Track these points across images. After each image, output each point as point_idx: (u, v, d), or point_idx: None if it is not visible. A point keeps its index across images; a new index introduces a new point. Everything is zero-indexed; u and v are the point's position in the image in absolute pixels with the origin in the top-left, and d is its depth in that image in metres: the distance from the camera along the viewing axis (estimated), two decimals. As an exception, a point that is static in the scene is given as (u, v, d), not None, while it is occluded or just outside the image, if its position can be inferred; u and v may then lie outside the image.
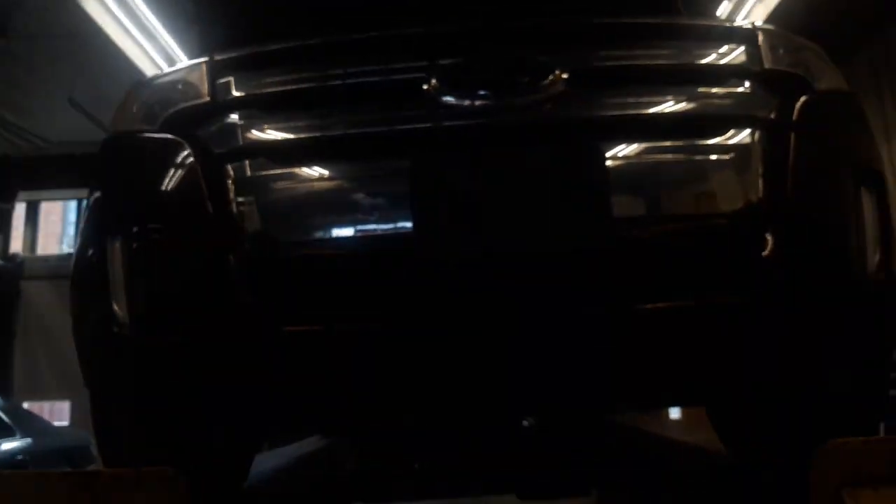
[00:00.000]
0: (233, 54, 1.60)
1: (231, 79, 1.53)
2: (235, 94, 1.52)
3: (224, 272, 1.39)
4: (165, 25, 6.44)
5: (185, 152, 1.46)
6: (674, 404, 2.88)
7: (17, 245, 12.72)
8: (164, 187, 1.46)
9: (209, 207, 1.41)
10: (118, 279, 1.42)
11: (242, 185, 1.45)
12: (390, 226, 1.42)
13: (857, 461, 1.25)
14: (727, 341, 1.42)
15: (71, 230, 13.58)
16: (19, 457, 5.73)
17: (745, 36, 1.59)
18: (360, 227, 1.43)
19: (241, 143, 1.47)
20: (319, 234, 1.45)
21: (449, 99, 1.43)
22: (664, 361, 1.41)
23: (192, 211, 1.43)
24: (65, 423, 10.33)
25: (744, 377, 1.52)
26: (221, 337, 1.40)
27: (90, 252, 1.54)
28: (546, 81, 1.42)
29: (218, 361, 1.41)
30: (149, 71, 6.90)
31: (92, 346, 1.57)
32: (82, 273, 1.60)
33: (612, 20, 1.59)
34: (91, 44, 7.56)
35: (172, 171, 1.46)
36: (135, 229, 1.44)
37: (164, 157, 1.47)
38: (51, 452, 6.08)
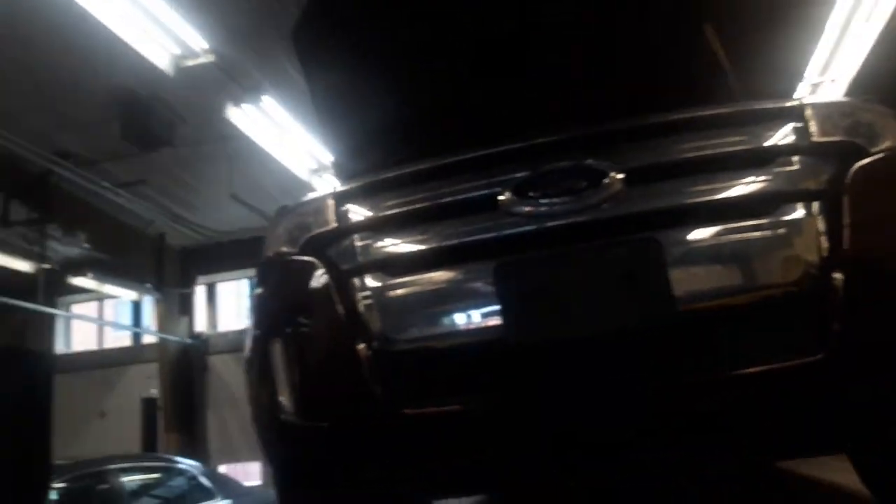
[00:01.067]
0: (349, 186, 1.93)
1: (348, 207, 1.87)
2: (353, 219, 1.85)
3: (355, 366, 1.68)
4: (303, 124, 7.07)
5: (320, 270, 1.79)
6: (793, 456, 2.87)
7: (200, 324, 14.09)
8: (306, 299, 1.79)
9: (340, 313, 1.72)
10: (280, 374, 1.77)
11: (364, 293, 1.73)
12: (479, 321, 1.65)
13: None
14: (805, 399, 1.51)
15: (244, 305, 14.83)
16: (219, 517, 6.41)
17: (793, 113, 1.69)
18: (459, 323, 1.67)
19: (359, 259, 1.78)
20: (422, 331, 1.70)
21: (520, 208, 1.66)
22: (747, 422, 1.53)
23: (328, 317, 1.74)
24: (257, 482, 11.26)
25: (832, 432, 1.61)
26: (357, 420, 1.69)
27: (256, 350, 1.87)
28: (603, 183, 1.62)
29: (356, 440, 1.70)
30: (292, 163, 7.64)
31: (265, 430, 1.91)
32: (252, 367, 1.92)
33: (659, 119, 1.74)
34: (242, 144, 8.52)
35: (312, 286, 1.79)
36: (287, 334, 1.77)
37: (304, 274, 1.81)
38: (246, 511, 6.76)
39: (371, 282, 1.75)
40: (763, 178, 1.64)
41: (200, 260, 13.47)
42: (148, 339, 13.94)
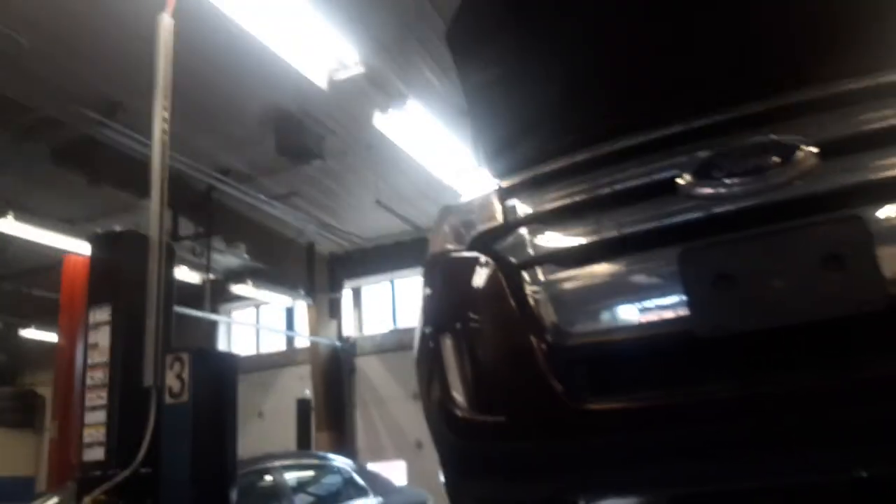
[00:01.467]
0: (514, 180, 1.92)
1: (516, 200, 1.86)
2: (520, 213, 1.83)
3: (529, 361, 1.66)
4: (446, 127, 7.19)
5: (490, 265, 1.79)
6: None
7: (348, 328, 14.67)
8: (477, 294, 1.80)
9: (513, 307, 1.70)
10: (452, 369, 1.78)
11: (537, 287, 1.71)
12: (663, 311, 1.58)
13: None
14: None
15: (388, 309, 15.29)
16: (373, 513, 6.63)
17: None
18: (636, 314, 1.61)
19: (531, 253, 1.75)
20: (602, 324, 1.65)
21: (702, 190, 1.57)
22: None
23: (500, 311, 1.73)
24: (403, 481, 11.55)
25: None
26: (534, 415, 1.67)
27: (428, 347, 1.89)
28: (794, 159, 1.50)
29: (533, 436, 1.68)
30: (435, 167, 7.79)
31: (437, 424, 1.90)
32: (424, 364, 1.94)
33: (850, 85, 1.59)
34: (386, 153, 8.81)
35: (481, 280, 1.80)
36: (460, 329, 1.79)
37: (474, 270, 1.82)
38: (396, 508, 6.95)
39: (543, 275, 1.72)
40: None
41: (347, 265, 14.06)
42: (300, 342, 14.68)
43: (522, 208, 1.85)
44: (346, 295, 14.62)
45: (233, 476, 3.62)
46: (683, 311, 1.52)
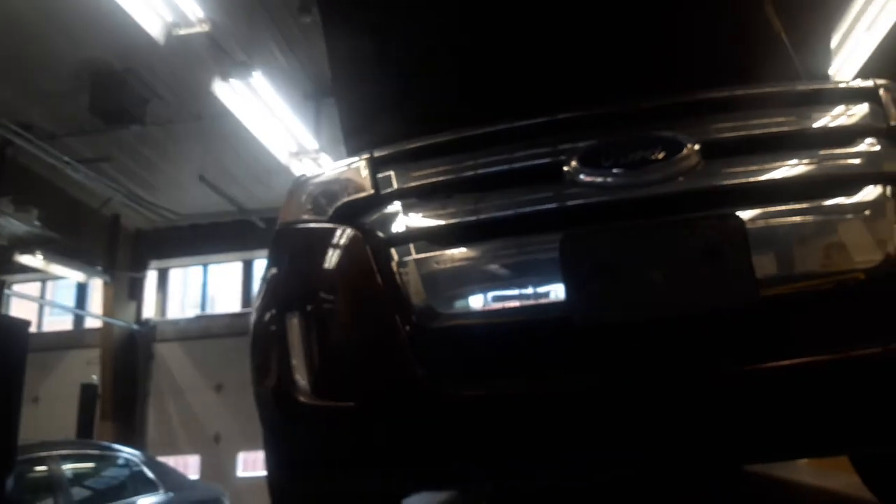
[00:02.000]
0: (390, 150, 1.78)
1: (390, 172, 1.72)
2: (395, 185, 1.70)
3: (393, 342, 1.54)
4: (288, 103, 6.87)
5: (356, 238, 1.64)
6: (821, 454, 2.84)
7: (148, 310, 13.63)
8: (339, 268, 1.65)
9: (380, 285, 1.57)
10: (297, 351, 1.61)
11: (406, 265, 1.59)
12: (538, 297, 1.53)
13: None
14: (868, 391, 1.43)
15: (195, 294, 14.42)
16: (162, 510, 6.11)
17: (868, 94, 1.65)
18: (510, 299, 1.55)
19: (403, 228, 1.64)
20: (474, 307, 1.57)
21: (587, 178, 1.55)
22: (805, 414, 1.43)
23: (365, 288, 1.60)
24: (195, 476, 10.87)
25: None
26: (390, 401, 1.54)
27: (270, 326, 1.70)
28: (680, 155, 1.53)
29: (387, 422, 1.55)
30: (273, 145, 7.42)
31: (272, 410, 1.73)
32: (262, 345, 1.75)
33: (737, 91, 1.67)
34: (218, 124, 8.27)
35: (345, 254, 1.65)
36: (312, 306, 1.63)
37: (337, 242, 1.67)
38: (189, 505, 6.47)
39: (414, 253, 1.61)
40: (843, 158, 1.57)
41: (155, 243, 13.06)
42: (91, 323, 13.39)
43: (397, 181, 1.72)
44: (151, 276, 13.57)
45: (11, 459, 3.11)
46: (560, 298, 1.47)
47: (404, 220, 1.66)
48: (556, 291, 1.49)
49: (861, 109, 1.64)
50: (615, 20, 2.52)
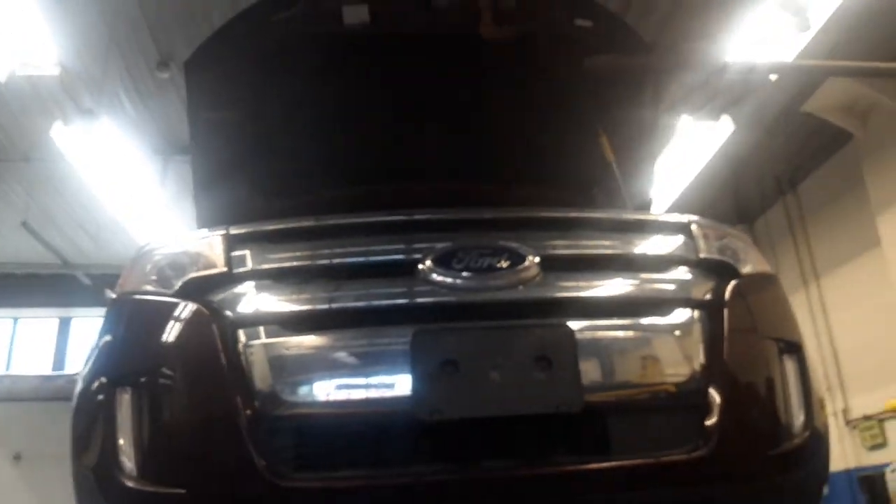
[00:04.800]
0: (248, 229, 1.79)
1: (246, 252, 1.72)
2: (250, 265, 1.70)
3: (232, 427, 1.49)
4: (133, 156, 6.58)
5: (202, 315, 1.61)
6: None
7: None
8: (181, 345, 1.60)
9: (223, 365, 1.54)
10: (126, 428, 1.53)
11: (253, 348, 1.58)
12: (386, 389, 1.57)
13: None
14: (690, 492, 1.59)
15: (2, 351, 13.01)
16: None
17: (683, 228, 1.89)
18: (359, 390, 1.58)
19: (254, 310, 1.63)
20: (321, 396, 1.58)
21: (439, 278, 1.64)
22: None
23: (207, 368, 1.56)
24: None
25: None
26: (225, 490, 1.49)
27: (97, 399, 1.61)
28: (523, 265, 1.66)
29: None
30: (108, 200, 7.03)
31: (94, 492, 1.61)
32: (87, 418, 1.66)
33: (575, 213, 1.87)
34: (46, 169, 7.74)
35: (189, 330, 1.61)
36: (147, 382, 1.56)
37: (181, 317, 1.62)
38: None
39: (263, 336, 1.60)
40: (660, 282, 1.79)
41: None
42: None
43: (252, 261, 1.72)
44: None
45: None
46: (406, 392, 1.52)
47: (256, 301, 1.65)
48: (404, 384, 1.53)
49: (677, 241, 1.88)
50: (458, 114, 2.73)
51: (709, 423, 1.60)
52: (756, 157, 8.26)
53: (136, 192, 7.06)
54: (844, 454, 8.68)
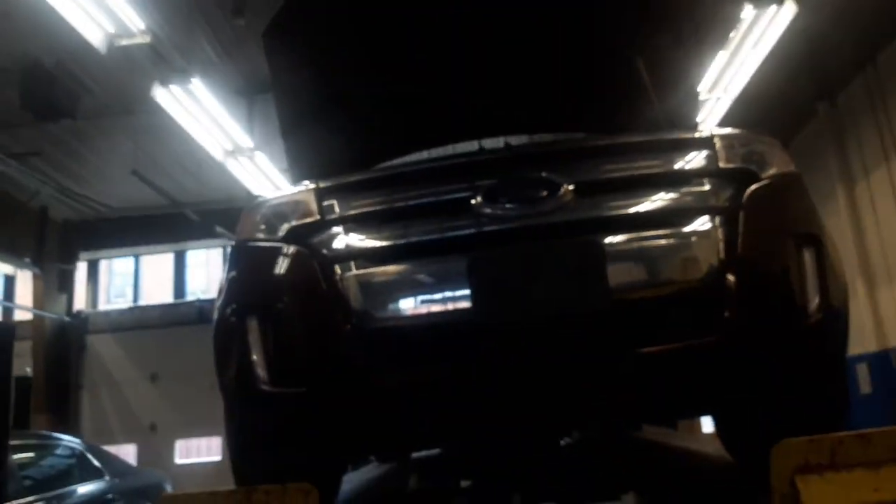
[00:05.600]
0: (333, 182, 2.16)
1: (333, 201, 2.10)
2: (337, 212, 2.08)
3: (336, 339, 1.93)
4: (221, 101, 7.07)
5: (305, 255, 2.02)
6: (677, 417, 3.40)
7: (80, 302, 13.48)
8: (292, 279, 2.02)
9: (325, 293, 1.96)
10: (257, 347, 1.98)
11: (347, 278, 1.98)
12: (454, 303, 1.95)
13: (805, 454, 1.61)
14: (707, 371, 1.90)
15: (127, 285, 14.31)
16: (109, 496, 6.33)
17: (705, 142, 2.10)
18: (432, 306, 1.97)
19: (344, 248, 2.03)
20: (402, 311, 1.98)
21: (490, 210, 1.98)
22: (663, 387, 1.92)
23: (313, 296, 1.98)
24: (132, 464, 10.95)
25: (724, 397, 2.02)
26: (335, 387, 1.94)
27: (231, 325, 2.04)
28: (558, 194, 1.98)
29: (331, 405, 1.95)
30: (208, 144, 7.62)
31: (236, 397, 2.10)
32: (225, 341, 2.08)
33: (602, 142, 2.13)
34: (147, 120, 8.39)
35: (296, 268, 2.02)
36: (269, 310, 2.00)
37: (290, 258, 2.04)
38: (133, 491, 6.67)
39: (354, 269, 1.99)
40: (682, 195, 2.03)
41: (84, 235, 12.93)
42: (21, 315, 13.20)
43: (338, 209, 2.10)
44: (81, 267, 13.44)
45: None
46: (468, 304, 1.91)
47: (345, 241, 2.04)
48: (466, 299, 1.91)
49: (699, 155, 2.09)
50: (504, 66, 2.99)
51: (723, 311, 1.88)
52: (831, 34, 7.98)
53: (228, 132, 7.61)
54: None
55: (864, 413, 9.80)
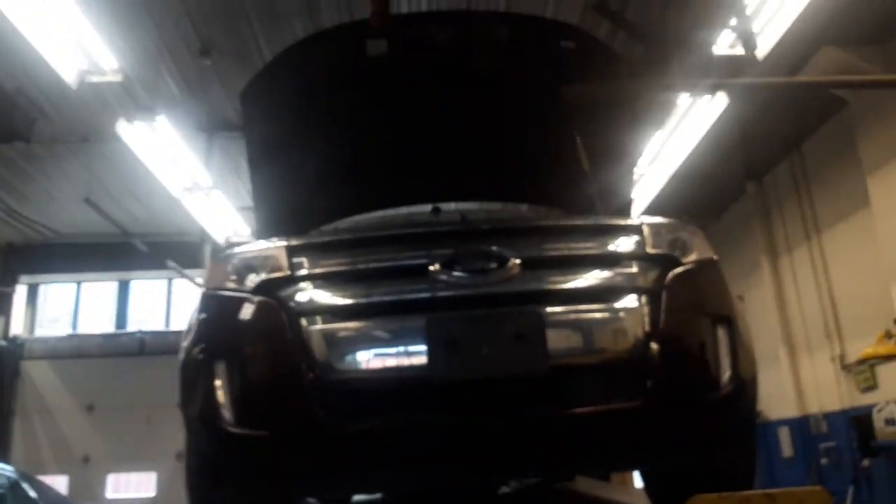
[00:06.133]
0: (303, 241, 2.34)
1: (303, 258, 2.27)
2: (306, 269, 2.25)
3: (299, 388, 2.08)
4: (182, 137, 7.19)
5: (273, 307, 2.17)
6: (606, 471, 3.66)
7: (17, 326, 13.10)
8: (260, 329, 2.18)
9: (291, 343, 2.11)
10: (224, 389, 2.12)
11: (312, 331, 2.14)
12: (409, 359, 2.14)
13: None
14: (632, 431, 2.12)
15: (67, 312, 13.96)
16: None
17: (635, 229, 2.35)
18: (389, 361, 2.14)
19: (310, 303, 2.19)
20: (361, 365, 2.15)
21: (445, 278, 2.19)
22: (593, 444, 2.14)
23: (279, 345, 2.13)
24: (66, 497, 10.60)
25: (647, 455, 2.26)
26: (296, 432, 2.09)
27: (199, 365, 2.18)
28: (507, 266, 2.20)
29: (290, 447, 2.11)
30: (166, 179, 7.67)
31: (200, 434, 2.22)
32: (192, 379, 2.21)
33: (548, 223, 2.40)
34: (103, 148, 8.43)
35: (265, 318, 2.17)
36: (237, 356, 2.15)
37: (259, 309, 2.19)
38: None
39: (318, 323, 2.16)
40: (614, 274, 2.27)
41: (26, 258, 12.64)
42: (-49, 337, 12.74)
43: (307, 266, 2.27)
44: (20, 290, 13.10)
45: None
46: (422, 362, 2.10)
47: (311, 296, 2.20)
48: (421, 356, 2.10)
49: (630, 240, 2.32)
50: (458, 138, 3.29)
51: (646, 379, 2.10)
52: (761, 121, 8.75)
53: (185, 167, 7.70)
54: (841, 396, 9.23)
55: (787, 474, 10.34)
